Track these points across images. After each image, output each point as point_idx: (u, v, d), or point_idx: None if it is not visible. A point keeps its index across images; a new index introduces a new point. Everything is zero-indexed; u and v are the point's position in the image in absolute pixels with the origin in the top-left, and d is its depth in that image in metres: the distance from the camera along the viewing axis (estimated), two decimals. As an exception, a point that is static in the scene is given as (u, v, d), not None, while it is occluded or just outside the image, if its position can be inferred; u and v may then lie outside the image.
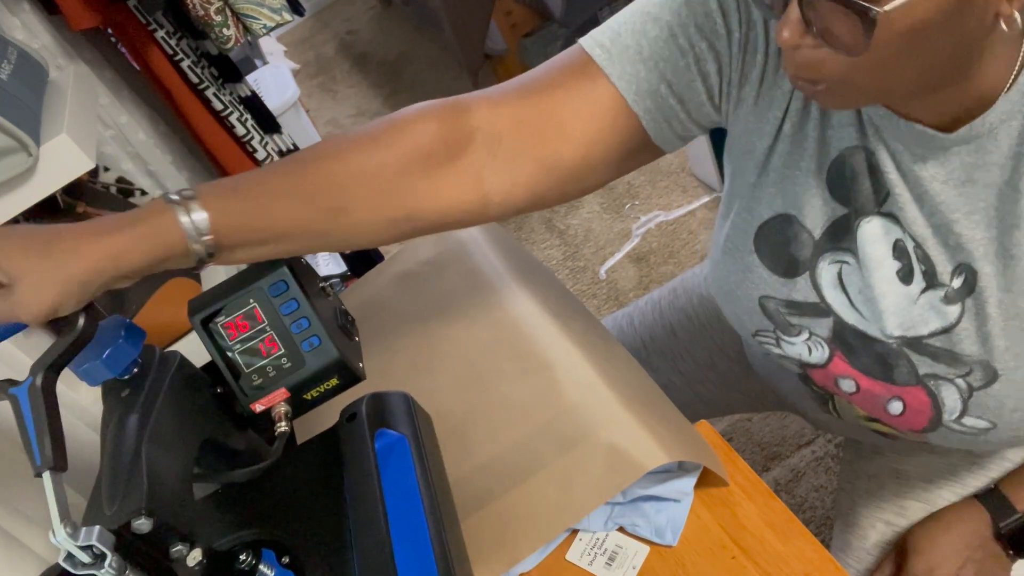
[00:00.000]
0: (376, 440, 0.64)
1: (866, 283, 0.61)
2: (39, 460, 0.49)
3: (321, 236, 0.62)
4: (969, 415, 0.61)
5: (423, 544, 0.57)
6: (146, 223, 0.53)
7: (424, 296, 0.93)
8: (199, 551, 0.54)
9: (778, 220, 0.64)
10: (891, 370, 0.63)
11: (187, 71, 1.37)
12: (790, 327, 0.67)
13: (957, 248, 0.57)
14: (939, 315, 0.59)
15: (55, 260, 0.50)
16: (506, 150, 0.63)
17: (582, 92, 0.62)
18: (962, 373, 0.60)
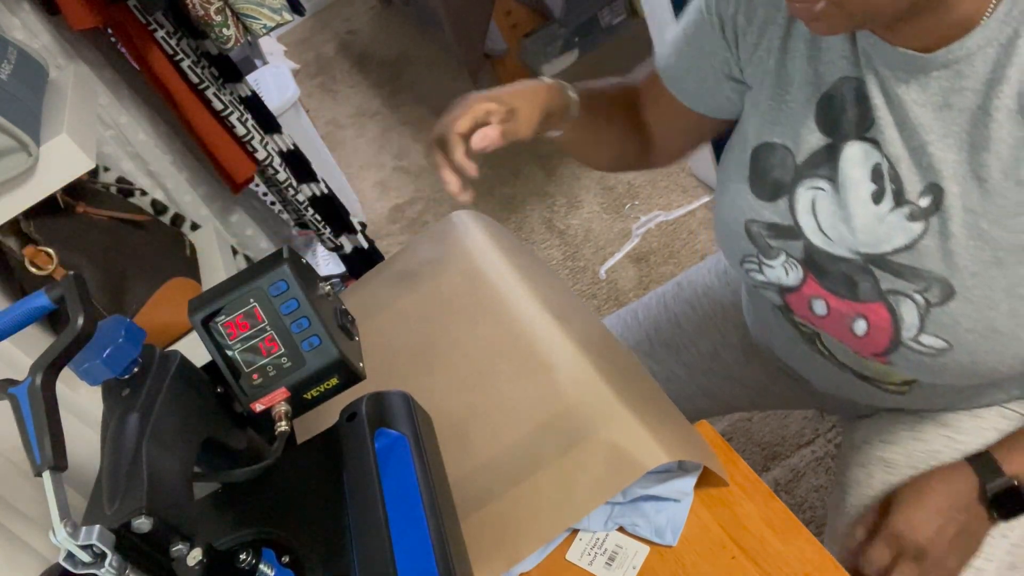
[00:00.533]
0: (376, 440, 0.64)
1: (839, 206, 0.66)
2: (39, 459, 0.49)
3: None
4: (926, 332, 0.64)
5: (423, 543, 0.57)
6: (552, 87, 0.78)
7: (424, 295, 0.93)
8: (199, 550, 0.54)
9: (766, 148, 0.71)
10: (856, 287, 0.67)
11: (187, 71, 1.37)
12: (770, 249, 0.73)
13: (928, 169, 0.61)
14: (904, 232, 0.63)
15: (531, 98, 0.75)
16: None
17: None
18: (921, 289, 0.63)
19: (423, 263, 0.96)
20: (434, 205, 2.51)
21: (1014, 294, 0.60)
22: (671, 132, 0.89)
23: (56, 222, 1.14)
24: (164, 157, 1.44)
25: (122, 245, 1.21)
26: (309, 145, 2.19)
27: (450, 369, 0.83)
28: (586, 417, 0.70)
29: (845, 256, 0.67)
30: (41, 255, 1.08)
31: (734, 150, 0.76)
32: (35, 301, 0.57)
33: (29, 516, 0.77)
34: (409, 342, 0.89)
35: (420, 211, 2.52)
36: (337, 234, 1.67)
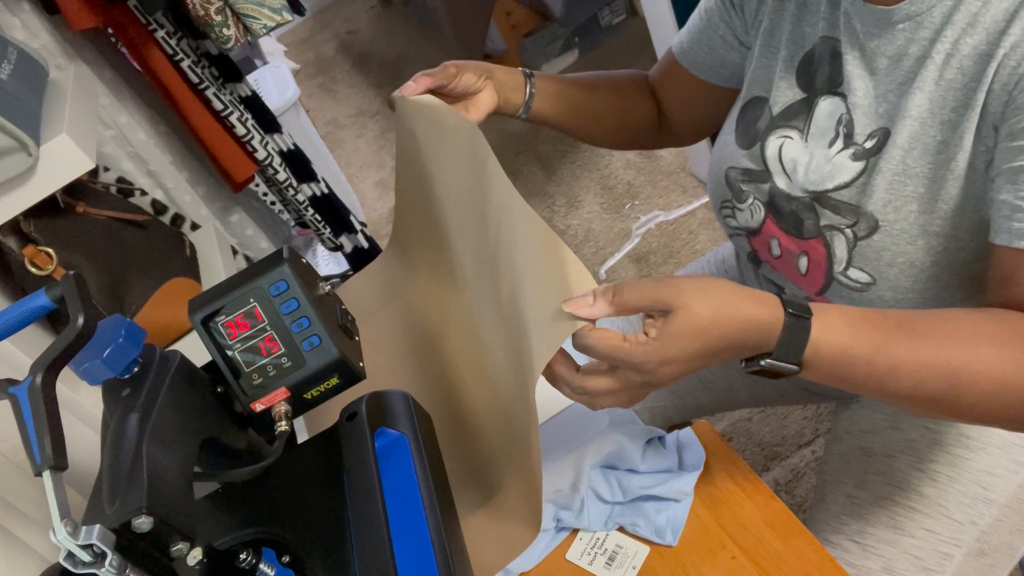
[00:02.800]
0: (376, 439, 0.64)
1: (802, 152, 0.73)
2: (39, 459, 0.49)
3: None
4: (853, 266, 0.69)
5: (423, 542, 0.57)
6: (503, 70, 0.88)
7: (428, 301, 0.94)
8: (199, 550, 0.54)
9: (753, 101, 0.79)
10: (801, 225, 0.73)
11: (187, 71, 1.37)
12: (742, 193, 0.79)
13: (883, 115, 0.66)
14: (846, 170, 0.69)
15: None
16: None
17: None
18: (851, 223, 0.69)
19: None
20: (434, 205, 2.51)
21: (929, 231, 0.65)
22: (691, 108, 0.95)
23: (56, 222, 1.14)
24: (164, 157, 1.44)
25: (122, 245, 1.21)
26: (309, 145, 2.19)
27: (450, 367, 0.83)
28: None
29: (797, 195, 0.73)
30: (41, 255, 1.08)
31: (733, 109, 0.83)
32: (35, 301, 0.57)
33: (29, 516, 0.77)
34: (409, 341, 0.89)
35: (420, 211, 2.52)
36: (337, 234, 1.67)
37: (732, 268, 1.01)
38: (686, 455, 0.73)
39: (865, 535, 0.76)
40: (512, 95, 0.87)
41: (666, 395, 1.03)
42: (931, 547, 0.74)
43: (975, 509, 0.74)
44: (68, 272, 0.57)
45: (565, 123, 0.92)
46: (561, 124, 0.92)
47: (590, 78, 0.95)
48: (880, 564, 0.75)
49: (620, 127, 0.97)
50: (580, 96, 0.91)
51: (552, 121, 0.91)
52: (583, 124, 0.93)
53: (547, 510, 0.73)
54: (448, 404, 0.80)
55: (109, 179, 1.37)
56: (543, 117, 0.89)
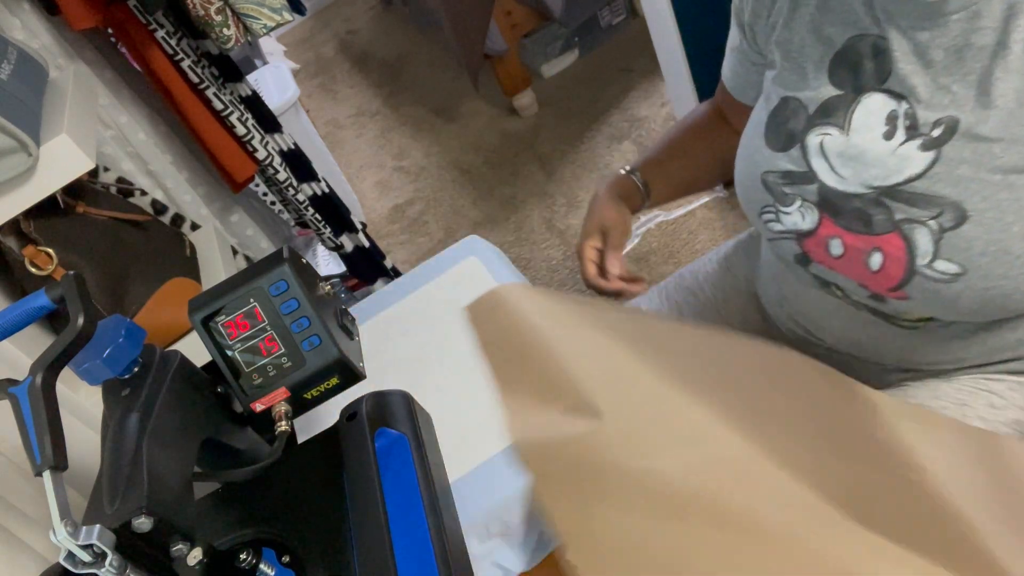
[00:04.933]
0: (376, 439, 0.64)
1: (848, 146, 0.72)
2: (39, 459, 0.49)
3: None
4: (940, 258, 0.67)
5: (423, 542, 0.57)
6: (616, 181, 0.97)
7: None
8: (199, 550, 0.54)
9: (781, 104, 0.77)
10: (870, 221, 0.71)
11: (187, 71, 1.37)
12: (785, 196, 0.77)
13: (949, 105, 0.65)
14: (916, 162, 0.67)
15: (611, 210, 0.94)
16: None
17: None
18: (934, 215, 0.67)
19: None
20: (434, 205, 2.51)
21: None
22: None
23: (56, 222, 1.14)
24: (164, 157, 1.44)
25: (122, 245, 1.21)
26: (309, 145, 2.19)
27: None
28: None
29: (858, 192, 0.71)
30: (41, 255, 1.08)
31: (753, 115, 0.83)
32: (35, 301, 0.57)
33: (29, 516, 0.77)
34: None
35: (420, 211, 2.52)
36: (337, 233, 1.67)
37: (736, 265, 1.01)
38: (686, 455, 0.73)
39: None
40: (631, 202, 0.96)
41: None
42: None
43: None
44: (68, 272, 0.57)
45: (682, 192, 1.01)
46: (679, 194, 1.02)
47: (678, 138, 1.00)
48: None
49: (725, 168, 0.99)
50: (681, 164, 0.99)
51: (672, 197, 1.01)
52: (695, 183, 1.02)
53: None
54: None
55: (109, 179, 1.37)
56: (663, 199, 0.99)
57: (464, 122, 2.77)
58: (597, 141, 2.41)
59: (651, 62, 2.21)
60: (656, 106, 2.41)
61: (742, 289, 0.99)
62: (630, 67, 2.58)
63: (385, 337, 0.93)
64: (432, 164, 2.68)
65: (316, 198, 1.63)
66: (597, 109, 2.51)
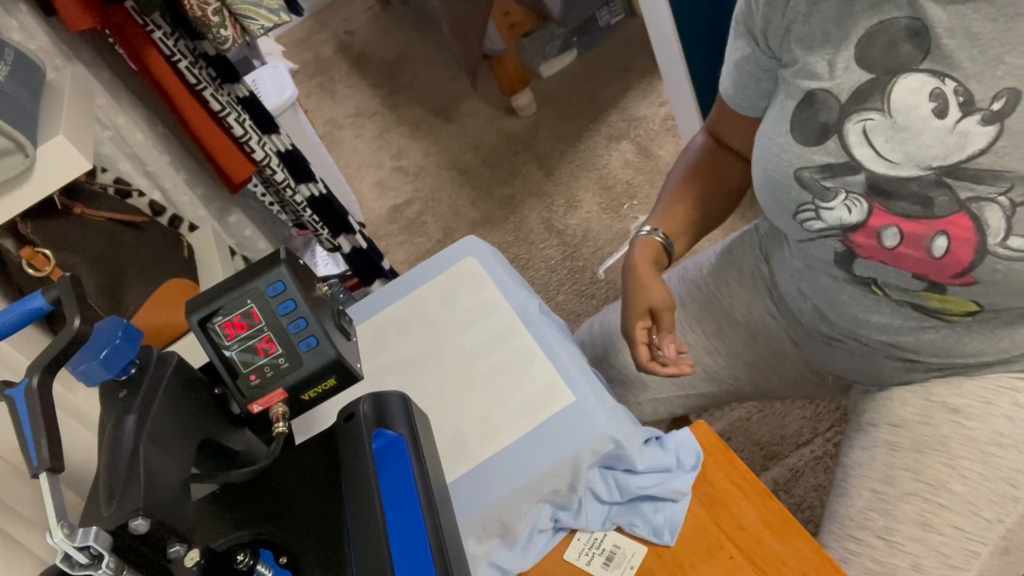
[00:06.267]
0: (374, 440, 0.64)
1: (898, 129, 0.68)
2: (36, 461, 0.49)
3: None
4: (1014, 234, 0.65)
5: (420, 544, 0.57)
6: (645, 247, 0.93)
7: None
8: (197, 552, 0.53)
9: (807, 98, 0.74)
10: (931, 204, 0.68)
11: (185, 71, 1.37)
12: (826, 192, 0.74)
13: (1003, 77, 0.63)
14: (978, 137, 0.64)
15: (650, 286, 0.90)
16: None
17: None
18: (1004, 190, 0.64)
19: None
20: (432, 205, 2.51)
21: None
22: (751, 143, 0.94)
23: (53, 223, 1.14)
24: (162, 158, 1.44)
25: (120, 246, 1.21)
26: (307, 145, 2.19)
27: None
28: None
29: (914, 175, 0.68)
30: (38, 256, 1.08)
31: (769, 115, 0.81)
32: (31, 303, 0.57)
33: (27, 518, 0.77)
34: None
35: (418, 211, 2.52)
36: (335, 234, 1.67)
37: (739, 257, 1.01)
38: (684, 455, 0.73)
39: (892, 532, 0.75)
40: (661, 264, 0.93)
41: (669, 386, 1.03)
42: (959, 544, 0.74)
43: (1003, 507, 0.74)
44: (64, 274, 0.57)
45: (699, 235, 0.99)
46: (697, 238, 0.99)
47: (681, 184, 0.98)
48: (908, 562, 0.74)
49: (733, 197, 0.99)
50: (692, 208, 0.96)
51: (691, 244, 0.98)
52: (709, 221, 0.99)
53: (545, 510, 0.73)
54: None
55: (107, 180, 1.36)
56: (684, 250, 0.97)
57: (462, 122, 2.77)
58: (596, 141, 2.41)
59: (649, 62, 2.21)
60: (654, 106, 2.41)
61: (746, 280, 0.99)
62: (628, 67, 2.58)
63: (383, 338, 0.93)
64: (431, 164, 2.68)
65: (314, 199, 1.63)
66: (595, 109, 2.51)
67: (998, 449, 0.75)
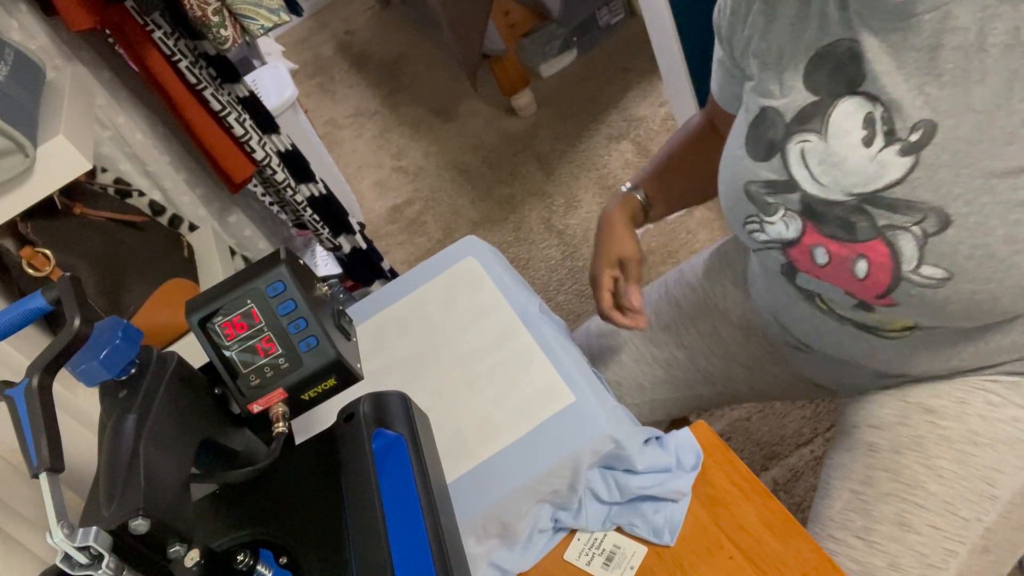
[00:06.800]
0: (374, 440, 0.64)
1: (829, 154, 0.71)
2: (36, 461, 0.49)
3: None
4: (926, 263, 0.67)
5: (420, 544, 0.57)
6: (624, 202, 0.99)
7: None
8: (197, 552, 0.53)
9: (761, 113, 0.77)
10: (853, 228, 0.70)
11: (185, 71, 1.37)
12: (769, 206, 0.77)
13: (924, 107, 0.65)
14: (894, 167, 0.67)
15: (622, 236, 0.97)
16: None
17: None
18: (917, 220, 0.66)
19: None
20: (432, 205, 2.51)
21: (1008, 219, 0.63)
22: None
23: (53, 223, 1.14)
24: (162, 158, 1.44)
25: (120, 246, 1.21)
26: (307, 145, 2.19)
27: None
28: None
29: (839, 199, 0.70)
30: (38, 256, 1.08)
31: (735, 125, 0.83)
32: (31, 303, 0.57)
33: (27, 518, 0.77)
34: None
35: (418, 211, 2.52)
36: (335, 234, 1.67)
37: (734, 260, 1.02)
38: (684, 455, 0.73)
39: (871, 532, 0.76)
40: (635, 222, 0.99)
41: (666, 387, 1.03)
42: (937, 544, 0.74)
43: (980, 506, 0.74)
44: (64, 274, 0.57)
45: (680, 206, 1.05)
46: (676, 208, 1.05)
47: (675, 152, 1.02)
48: (886, 561, 0.75)
49: (716, 181, 1.02)
50: (679, 178, 1.01)
51: (669, 212, 1.04)
52: (692, 196, 1.05)
53: (545, 510, 0.73)
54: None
55: (107, 180, 1.36)
56: (661, 214, 1.02)
57: (462, 122, 2.77)
58: (596, 141, 2.41)
59: (649, 62, 2.21)
60: (654, 106, 2.41)
61: (739, 281, 1.00)
62: (628, 67, 2.58)
63: (383, 338, 0.93)
64: (431, 164, 2.68)
65: (314, 199, 1.63)
66: (595, 109, 2.51)
67: (973, 448, 0.76)
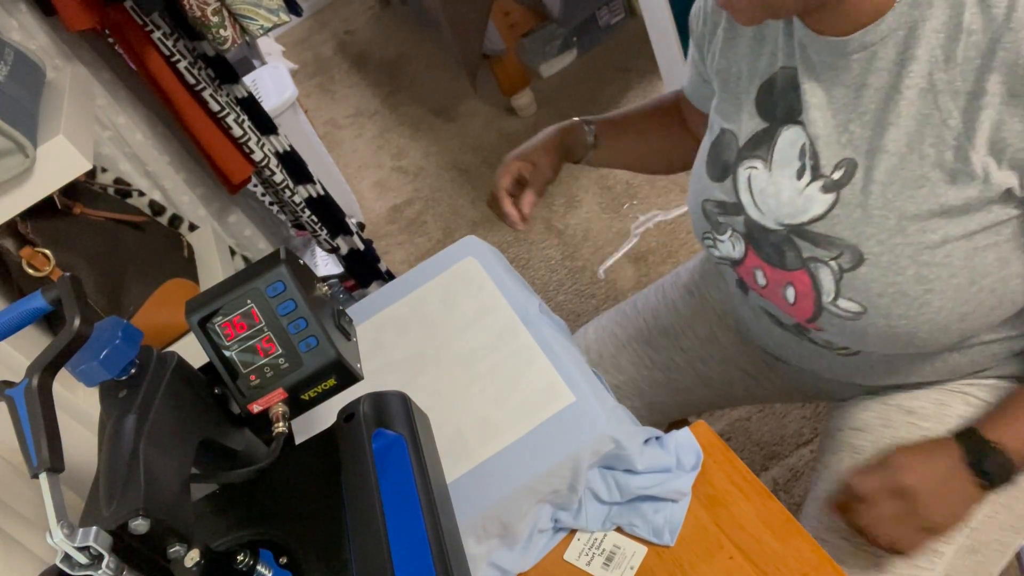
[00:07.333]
0: (374, 440, 0.64)
1: (770, 182, 0.73)
2: (36, 461, 0.49)
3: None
4: (842, 297, 0.69)
5: (420, 544, 0.57)
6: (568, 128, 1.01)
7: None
8: (197, 552, 0.53)
9: (720, 134, 0.79)
10: (783, 256, 0.73)
11: (184, 72, 1.37)
12: (719, 225, 0.80)
13: (847, 145, 0.66)
14: (819, 203, 0.69)
15: (550, 148, 0.98)
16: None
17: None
18: (835, 255, 0.69)
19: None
20: (432, 205, 2.51)
21: (918, 260, 0.64)
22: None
23: (53, 223, 1.14)
24: (162, 158, 1.44)
25: (119, 246, 1.21)
26: (307, 145, 2.19)
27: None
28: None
29: (773, 227, 0.73)
30: (38, 256, 1.08)
31: (703, 144, 0.84)
32: (31, 303, 0.57)
33: (27, 518, 0.77)
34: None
35: (419, 211, 2.52)
36: (333, 235, 1.67)
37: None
38: (684, 455, 0.73)
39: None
40: (574, 152, 1.00)
41: (665, 391, 1.03)
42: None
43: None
44: (64, 274, 0.57)
45: (623, 165, 1.07)
46: (620, 166, 1.06)
47: (641, 115, 1.04)
48: (871, 562, 0.75)
49: (669, 160, 1.05)
50: (635, 140, 1.02)
51: (612, 165, 1.05)
52: (640, 162, 1.07)
53: (545, 510, 0.73)
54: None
55: (107, 180, 1.36)
56: (603, 162, 1.03)
57: (463, 122, 2.77)
58: (595, 141, 2.41)
59: (649, 62, 2.21)
60: (654, 106, 2.41)
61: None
62: (628, 67, 2.58)
63: (383, 338, 0.93)
64: (431, 164, 2.68)
65: (312, 200, 1.63)
66: (596, 108, 2.51)
67: None
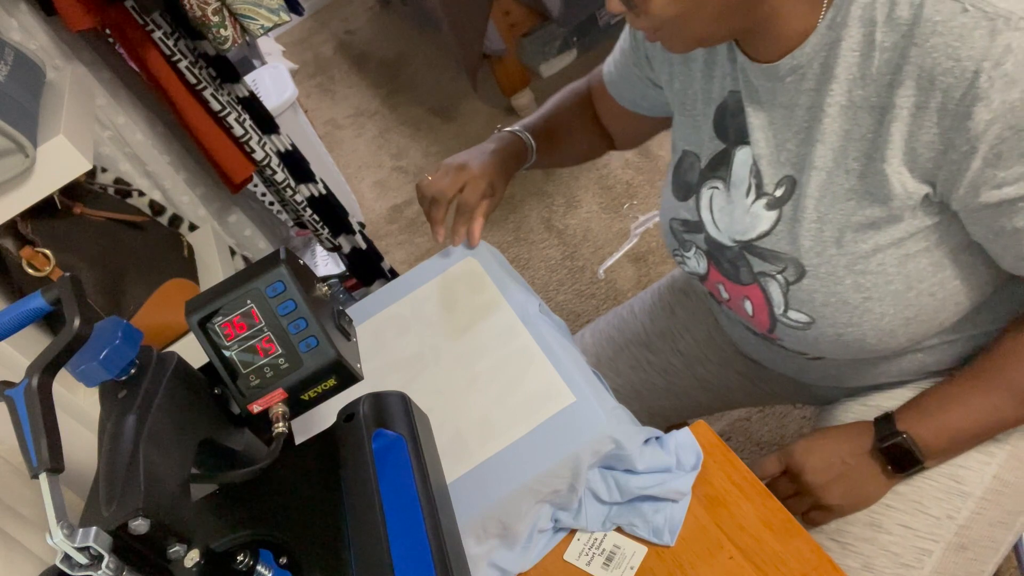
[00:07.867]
0: (374, 440, 0.64)
1: (726, 201, 0.76)
2: (36, 461, 0.49)
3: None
4: (791, 309, 0.72)
5: (420, 544, 0.57)
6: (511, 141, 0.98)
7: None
8: (196, 552, 0.53)
9: (683, 155, 0.82)
10: (739, 271, 0.76)
11: (185, 71, 1.37)
12: (685, 243, 0.83)
13: (785, 163, 0.69)
14: (764, 220, 0.72)
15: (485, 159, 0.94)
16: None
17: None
18: (780, 269, 0.72)
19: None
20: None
21: (854, 269, 0.67)
22: (620, 127, 1.04)
23: (53, 223, 1.14)
24: (162, 158, 1.44)
25: (120, 246, 1.21)
26: (307, 145, 2.19)
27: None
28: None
29: (728, 244, 0.77)
30: (38, 256, 1.08)
31: (670, 163, 0.87)
32: (31, 303, 0.57)
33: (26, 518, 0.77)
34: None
35: (419, 211, 2.52)
36: (335, 234, 1.67)
37: None
38: (684, 455, 0.73)
39: (844, 533, 0.77)
40: (520, 159, 0.98)
41: (664, 395, 1.03)
42: (908, 543, 0.75)
43: (950, 503, 0.75)
44: (64, 274, 0.57)
45: (557, 164, 1.08)
46: (554, 165, 1.07)
47: (559, 115, 1.03)
48: (860, 562, 0.75)
49: (591, 149, 1.08)
50: (560, 139, 1.02)
51: (548, 166, 1.06)
52: (569, 158, 1.08)
53: (545, 510, 0.73)
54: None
55: (107, 180, 1.36)
56: (542, 166, 1.03)
57: (463, 122, 2.77)
58: (595, 141, 2.41)
59: (649, 62, 2.21)
60: (654, 106, 2.41)
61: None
62: (628, 67, 2.58)
63: (383, 338, 0.93)
64: (431, 164, 2.68)
65: (314, 199, 1.63)
66: (595, 109, 2.51)
67: None
